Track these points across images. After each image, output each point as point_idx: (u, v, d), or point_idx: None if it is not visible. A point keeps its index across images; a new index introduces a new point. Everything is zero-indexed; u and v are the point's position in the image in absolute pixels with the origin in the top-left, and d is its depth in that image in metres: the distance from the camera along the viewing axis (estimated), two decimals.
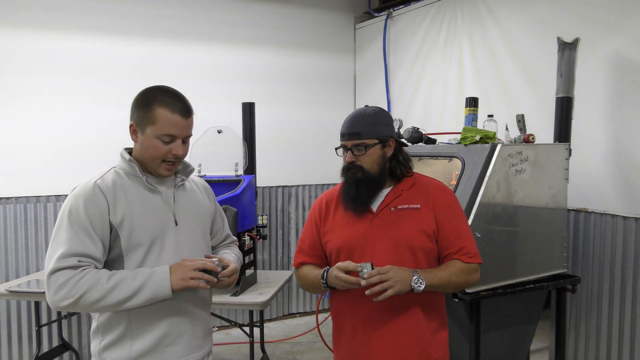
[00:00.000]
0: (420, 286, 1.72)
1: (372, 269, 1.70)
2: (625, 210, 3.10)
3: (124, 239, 1.64)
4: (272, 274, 3.86)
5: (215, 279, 1.70)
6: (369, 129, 1.85)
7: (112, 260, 1.67)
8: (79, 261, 1.57)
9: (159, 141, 1.66)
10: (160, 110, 1.65)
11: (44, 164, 4.01)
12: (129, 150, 1.77)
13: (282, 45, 5.05)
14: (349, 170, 1.87)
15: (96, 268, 1.60)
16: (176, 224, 1.74)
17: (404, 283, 1.71)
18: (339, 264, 1.76)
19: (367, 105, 1.96)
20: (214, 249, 2.00)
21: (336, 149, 1.93)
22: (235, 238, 2.10)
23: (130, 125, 1.70)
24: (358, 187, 1.85)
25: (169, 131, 1.66)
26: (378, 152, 1.87)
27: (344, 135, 1.87)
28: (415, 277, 1.72)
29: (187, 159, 1.84)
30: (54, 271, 1.55)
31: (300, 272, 1.98)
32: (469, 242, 1.86)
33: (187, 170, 1.86)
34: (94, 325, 1.74)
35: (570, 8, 3.39)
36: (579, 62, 3.03)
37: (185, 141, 1.73)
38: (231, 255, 1.95)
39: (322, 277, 1.83)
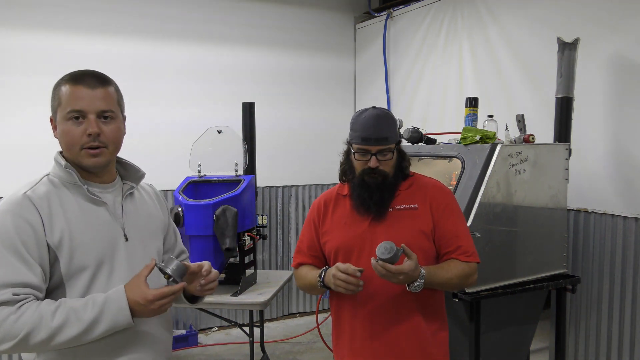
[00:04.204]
0: (415, 290, 1.73)
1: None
2: (625, 210, 3.10)
3: (63, 263, 1.37)
4: (272, 274, 3.86)
5: (182, 285, 1.43)
6: (393, 134, 1.83)
7: (51, 290, 1.39)
8: (14, 294, 1.29)
9: (70, 123, 1.40)
10: (62, 88, 1.42)
11: (45, 164, 4.00)
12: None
13: (282, 45, 5.05)
14: (369, 174, 1.83)
15: (37, 299, 1.33)
16: (126, 239, 1.48)
17: (406, 282, 1.72)
18: (339, 264, 1.74)
19: (374, 107, 1.88)
20: None
21: (354, 152, 1.85)
22: (188, 254, 1.83)
23: (50, 120, 1.47)
24: (382, 192, 1.84)
25: (74, 106, 1.39)
26: (395, 155, 1.87)
27: (370, 140, 1.79)
28: (416, 284, 1.71)
29: (185, 158, 1.66)
30: None
31: (298, 272, 1.98)
32: (467, 241, 1.86)
33: (137, 175, 1.57)
34: None
35: (570, 8, 3.39)
36: (579, 62, 3.03)
37: (106, 118, 1.43)
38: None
39: (320, 276, 1.82)
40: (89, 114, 1.40)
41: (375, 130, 1.80)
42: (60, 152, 1.48)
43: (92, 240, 1.41)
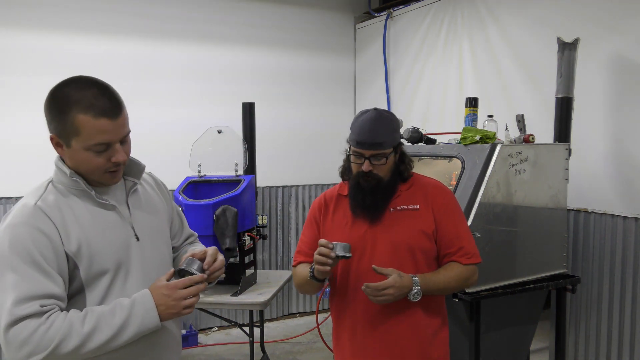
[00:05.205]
0: (416, 298, 1.75)
1: (347, 250, 1.71)
2: (625, 210, 3.10)
3: (83, 269, 1.37)
4: (272, 274, 3.86)
5: (206, 280, 1.48)
6: (389, 139, 1.80)
7: (71, 296, 1.38)
8: (41, 305, 1.28)
9: (92, 153, 1.36)
10: (81, 117, 1.32)
11: (44, 164, 4.00)
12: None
13: (282, 45, 5.05)
14: (363, 177, 1.82)
15: (60, 309, 1.33)
16: (137, 239, 1.48)
17: (402, 295, 1.73)
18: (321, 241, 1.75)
19: (376, 108, 1.85)
20: (175, 250, 1.74)
21: (348, 154, 1.87)
22: (196, 234, 1.87)
23: (51, 138, 1.39)
24: (375, 196, 1.83)
25: (100, 140, 1.34)
26: (392, 159, 1.85)
27: (364, 144, 1.78)
28: (414, 291, 1.74)
29: (185, 158, 1.66)
30: (13, 323, 1.25)
31: (295, 270, 1.98)
32: (468, 242, 1.86)
33: (138, 169, 1.55)
34: None
35: (570, 8, 3.39)
36: (579, 62, 3.03)
37: (124, 141, 1.42)
38: (201, 247, 1.70)
39: (311, 267, 1.82)
40: (114, 144, 1.38)
41: (370, 134, 1.78)
42: (62, 159, 1.45)
43: (108, 245, 1.41)
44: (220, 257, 1.56)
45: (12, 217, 1.35)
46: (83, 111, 1.32)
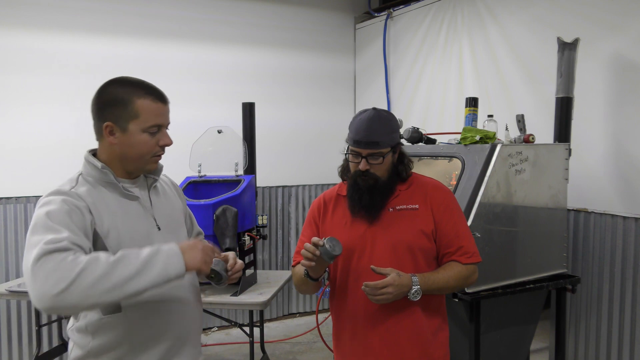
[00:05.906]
0: (415, 297, 1.75)
1: (336, 247, 1.70)
2: (625, 210, 3.10)
3: (112, 252, 1.44)
4: (272, 274, 3.86)
5: (227, 282, 1.64)
6: (386, 138, 1.80)
7: None
8: (71, 242, 1.34)
9: (147, 135, 1.55)
10: (141, 102, 1.53)
11: (45, 163, 4.01)
12: (93, 153, 1.60)
13: (282, 45, 5.05)
14: (361, 176, 1.82)
15: None
16: (159, 229, 1.62)
17: (401, 294, 1.73)
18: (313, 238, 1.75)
19: (375, 108, 1.85)
20: None
21: (346, 154, 1.87)
22: (203, 233, 2.00)
23: (106, 126, 1.52)
24: (372, 195, 1.83)
25: (156, 121, 1.56)
26: (390, 159, 1.85)
27: (360, 143, 1.78)
28: (413, 290, 1.74)
29: (185, 158, 1.75)
30: (42, 255, 1.28)
31: (294, 270, 1.98)
32: (468, 242, 1.86)
33: (158, 168, 1.71)
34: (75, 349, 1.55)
35: (570, 8, 3.39)
36: (579, 62, 3.03)
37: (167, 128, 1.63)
38: None
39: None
40: (164, 127, 1.60)
41: (367, 134, 1.78)
42: (92, 153, 1.58)
43: (134, 232, 1.54)
44: (240, 261, 1.71)
45: (48, 196, 1.45)
46: (143, 96, 1.54)
